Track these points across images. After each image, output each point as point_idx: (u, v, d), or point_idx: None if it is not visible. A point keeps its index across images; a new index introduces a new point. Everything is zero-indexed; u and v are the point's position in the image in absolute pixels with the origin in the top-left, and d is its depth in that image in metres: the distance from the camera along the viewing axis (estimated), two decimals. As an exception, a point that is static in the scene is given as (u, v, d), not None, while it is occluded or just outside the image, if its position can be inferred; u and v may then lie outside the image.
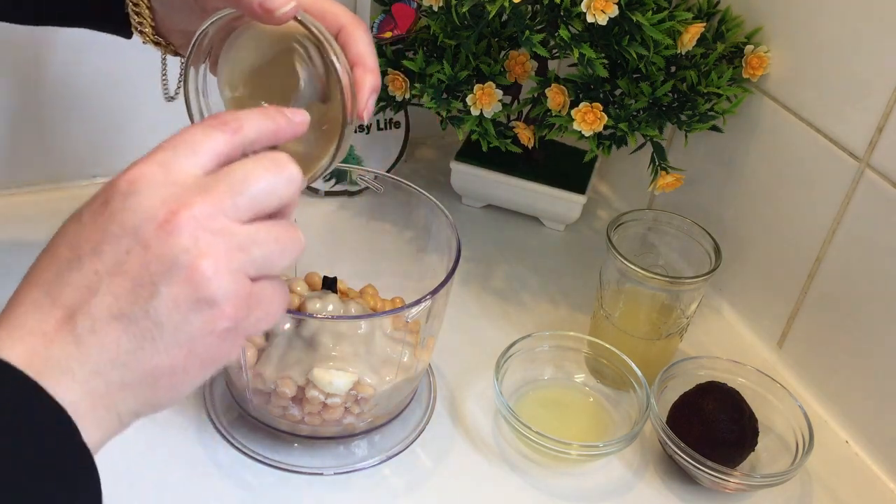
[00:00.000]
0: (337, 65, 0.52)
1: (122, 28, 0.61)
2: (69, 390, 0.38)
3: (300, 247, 0.43)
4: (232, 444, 0.67)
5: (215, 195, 0.40)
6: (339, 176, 0.88)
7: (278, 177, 0.42)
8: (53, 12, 0.63)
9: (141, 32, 0.61)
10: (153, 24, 0.61)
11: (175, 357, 0.39)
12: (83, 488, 0.39)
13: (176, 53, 0.63)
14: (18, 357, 0.37)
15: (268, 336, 0.64)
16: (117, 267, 0.39)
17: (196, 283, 0.39)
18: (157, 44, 0.62)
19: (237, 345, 0.42)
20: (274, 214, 0.43)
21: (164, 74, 0.64)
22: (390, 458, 0.68)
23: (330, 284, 0.69)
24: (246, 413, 0.67)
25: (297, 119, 0.46)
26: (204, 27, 0.53)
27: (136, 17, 0.60)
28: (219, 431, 0.67)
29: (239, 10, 0.52)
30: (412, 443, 0.69)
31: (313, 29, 0.52)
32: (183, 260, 0.39)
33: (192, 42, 0.54)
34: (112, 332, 0.38)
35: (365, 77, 0.54)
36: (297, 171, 0.43)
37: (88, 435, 0.39)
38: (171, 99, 0.64)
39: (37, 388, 0.37)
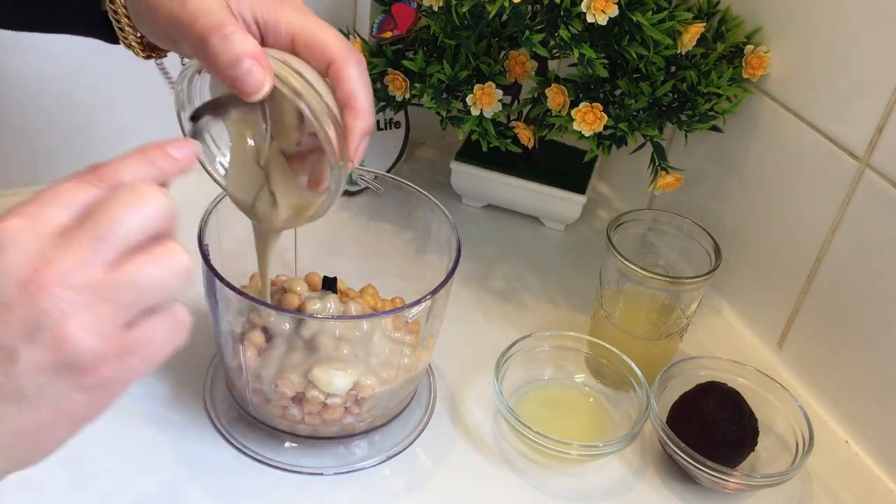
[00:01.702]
0: (314, 122, 0.50)
1: (109, 34, 0.59)
2: None
3: (182, 267, 0.40)
4: (232, 444, 0.67)
5: (77, 246, 0.37)
6: None
7: (143, 208, 0.39)
8: (35, 19, 0.60)
9: (129, 46, 0.58)
10: (139, 39, 0.58)
11: (42, 418, 0.37)
12: None
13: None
14: None
15: (268, 337, 0.64)
16: None
17: (59, 347, 0.36)
18: (147, 57, 0.59)
19: (112, 397, 0.39)
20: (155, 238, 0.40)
21: (166, 76, 0.61)
22: (390, 458, 0.68)
23: (330, 284, 0.69)
24: (246, 413, 0.67)
25: (180, 154, 0.42)
26: (179, 82, 0.53)
27: (119, 31, 0.57)
28: (219, 431, 0.67)
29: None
30: (412, 443, 0.69)
31: (287, 92, 0.50)
32: (45, 323, 0.36)
33: (175, 92, 0.53)
34: None
35: (355, 123, 0.52)
36: (160, 194, 0.39)
37: None
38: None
39: None
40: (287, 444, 0.67)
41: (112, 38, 0.58)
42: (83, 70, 0.84)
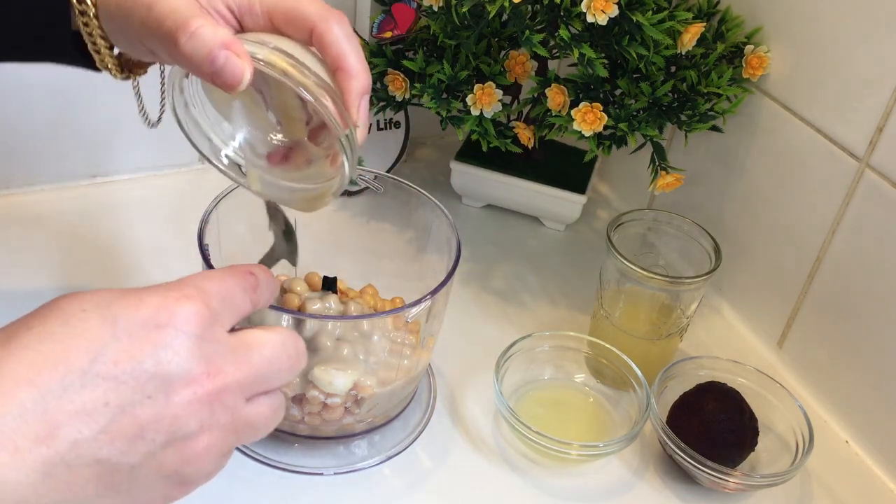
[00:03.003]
0: (308, 97, 0.48)
1: (84, 58, 0.55)
2: None
3: (279, 418, 0.44)
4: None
5: (244, 369, 0.40)
6: None
7: (294, 366, 0.43)
8: (7, 48, 0.57)
9: (105, 67, 0.55)
10: (115, 58, 0.55)
11: None
12: None
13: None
14: None
15: None
16: (131, 408, 0.36)
17: (185, 459, 0.38)
18: (125, 77, 0.57)
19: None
20: None
21: (140, 103, 0.59)
22: (390, 458, 0.68)
23: (330, 284, 0.69)
24: None
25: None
26: (170, 88, 0.51)
27: (95, 52, 0.54)
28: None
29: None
30: (412, 443, 0.69)
31: (272, 73, 0.48)
32: (189, 430, 0.38)
33: (164, 90, 0.52)
34: (86, 474, 0.35)
35: (349, 84, 0.50)
36: (305, 361, 0.44)
37: None
38: (153, 125, 0.60)
39: None
40: (287, 444, 0.67)
41: (87, 61, 0.55)
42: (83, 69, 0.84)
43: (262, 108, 0.55)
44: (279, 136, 0.56)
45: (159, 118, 0.59)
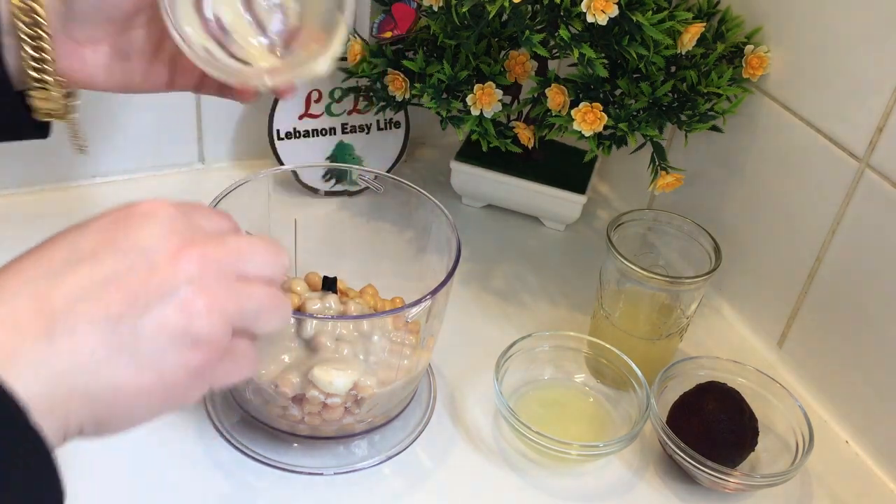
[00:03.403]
0: None
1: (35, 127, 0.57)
2: (27, 387, 0.35)
3: (287, 316, 0.45)
4: (232, 444, 0.67)
5: (226, 249, 0.41)
6: (339, 176, 0.88)
7: (275, 260, 0.44)
8: None
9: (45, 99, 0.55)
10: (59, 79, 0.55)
11: (143, 379, 0.38)
12: (40, 480, 0.36)
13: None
14: None
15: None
16: (116, 278, 0.38)
17: (188, 315, 0.39)
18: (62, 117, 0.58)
19: (198, 391, 0.42)
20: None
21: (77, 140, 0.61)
22: (390, 458, 0.68)
23: (330, 284, 0.69)
24: (246, 413, 0.67)
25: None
26: None
27: (35, 76, 0.54)
28: (219, 431, 0.67)
29: None
30: (412, 443, 0.69)
31: None
32: (184, 290, 0.39)
33: None
34: (90, 337, 0.37)
35: None
36: (286, 258, 0.45)
37: None
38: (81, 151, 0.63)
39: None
40: (287, 444, 0.67)
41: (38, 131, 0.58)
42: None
43: None
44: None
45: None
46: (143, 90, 0.60)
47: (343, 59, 0.85)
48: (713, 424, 0.67)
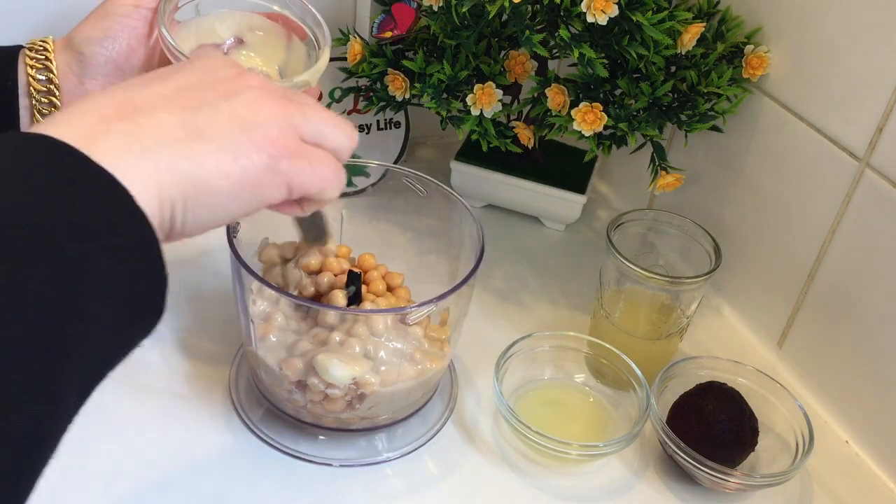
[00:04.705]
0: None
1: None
2: (119, 156, 0.38)
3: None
4: (248, 428, 0.68)
5: (293, 102, 0.46)
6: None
7: (347, 132, 0.48)
8: None
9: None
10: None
11: (222, 161, 0.42)
12: (139, 253, 0.38)
13: None
14: (70, 132, 0.38)
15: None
16: (187, 87, 0.43)
17: (254, 109, 0.44)
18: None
19: (277, 189, 0.45)
20: None
21: None
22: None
23: (353, 279, 0.68)
24: (261, 395, 0.69)
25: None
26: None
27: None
28: (237, 412, 0.69)
29: None
30: (420, 447, 0.69)
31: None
32: (248, 94, 0.44)
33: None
34: (170, 120, 0.41)
35: None
36: (356, 138, 0.49)
37: None
38: None
39: (86, 160, 0.37)
40: (295, 431, 0.67)
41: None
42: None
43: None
44: None
45: None
46: None
47: (343, 58, 0.85)
48: (713, 424, 0.67)
